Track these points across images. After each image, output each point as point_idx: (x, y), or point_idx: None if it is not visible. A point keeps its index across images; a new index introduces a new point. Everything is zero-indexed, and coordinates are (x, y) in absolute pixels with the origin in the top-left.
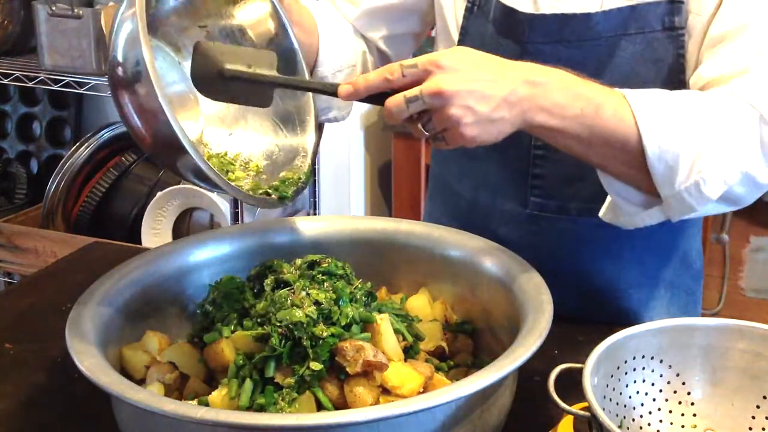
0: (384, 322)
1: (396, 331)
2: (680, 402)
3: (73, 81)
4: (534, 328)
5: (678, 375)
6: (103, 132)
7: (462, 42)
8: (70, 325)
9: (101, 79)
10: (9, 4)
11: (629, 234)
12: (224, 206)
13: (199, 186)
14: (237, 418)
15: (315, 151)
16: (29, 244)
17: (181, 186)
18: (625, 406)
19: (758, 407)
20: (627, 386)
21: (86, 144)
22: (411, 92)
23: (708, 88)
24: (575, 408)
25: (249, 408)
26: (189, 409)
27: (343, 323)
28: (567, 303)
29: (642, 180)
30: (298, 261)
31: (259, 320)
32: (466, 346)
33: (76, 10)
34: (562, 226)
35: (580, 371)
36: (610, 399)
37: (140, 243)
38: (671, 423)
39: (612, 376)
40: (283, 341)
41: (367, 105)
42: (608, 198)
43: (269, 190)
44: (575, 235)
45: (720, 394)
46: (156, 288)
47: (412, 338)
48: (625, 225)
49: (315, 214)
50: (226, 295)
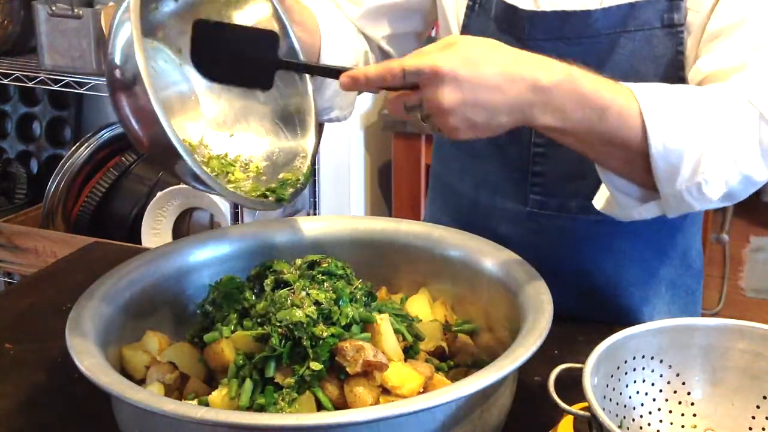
0: (384, 322)
1: (396, 331)
2: (680, 402)
3: (73, 81)
4: (534, 328)
5: (678, 375)
6: (103, 132)
7: None
8: (70, 325)
9: (101, 79)
10: (9, 4)
11: (630, 232)
12: (224, 206)
13: (197, 188)
14: (237, 418)
15: (315, 152)
16: (29, 244)
17: (181, 186)
18: (625, 406)
19: (758, 407)
20: (627, 386)
21: (86, 144)
22: (411, 101)
23: (706, 83)
24: (575, 408)
25: (249, 408)
26: (189, 409)
27: (343, 323)
28: (567, 302)
29: (641, 176)
30: (298, 261)
31: (259, 320)
32: (466, 346)
33: (76, 10)
34: (563, 224)
35: (580, 371)
36: (610, 399)
37: (140, 243)
38: (671, 423)
39: (612, 376)
40: (283, 341)
41: (367, 105)
42: (602, 187)
43: (267, 192)
44: (575, 233)
45: (720, 394)
46: (156, 288)
47: (412, 338)
48: (620, 217)
49: (315, 214)
50: (226, 295)
